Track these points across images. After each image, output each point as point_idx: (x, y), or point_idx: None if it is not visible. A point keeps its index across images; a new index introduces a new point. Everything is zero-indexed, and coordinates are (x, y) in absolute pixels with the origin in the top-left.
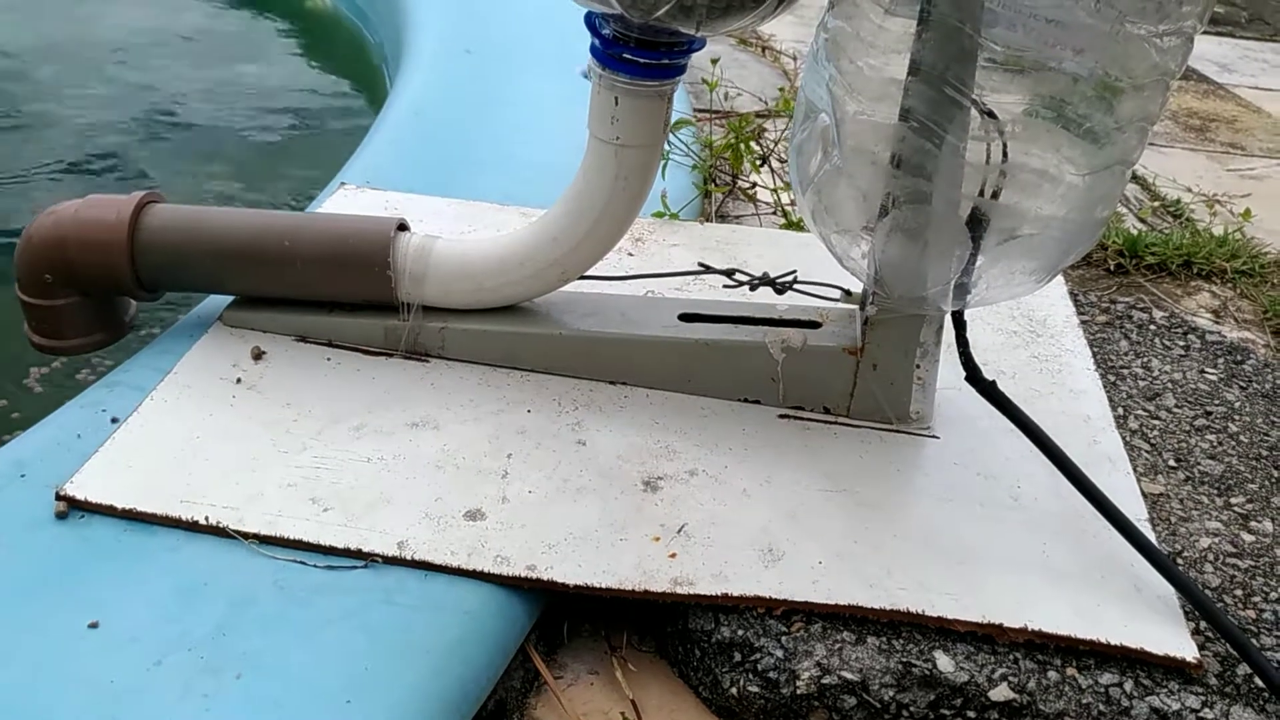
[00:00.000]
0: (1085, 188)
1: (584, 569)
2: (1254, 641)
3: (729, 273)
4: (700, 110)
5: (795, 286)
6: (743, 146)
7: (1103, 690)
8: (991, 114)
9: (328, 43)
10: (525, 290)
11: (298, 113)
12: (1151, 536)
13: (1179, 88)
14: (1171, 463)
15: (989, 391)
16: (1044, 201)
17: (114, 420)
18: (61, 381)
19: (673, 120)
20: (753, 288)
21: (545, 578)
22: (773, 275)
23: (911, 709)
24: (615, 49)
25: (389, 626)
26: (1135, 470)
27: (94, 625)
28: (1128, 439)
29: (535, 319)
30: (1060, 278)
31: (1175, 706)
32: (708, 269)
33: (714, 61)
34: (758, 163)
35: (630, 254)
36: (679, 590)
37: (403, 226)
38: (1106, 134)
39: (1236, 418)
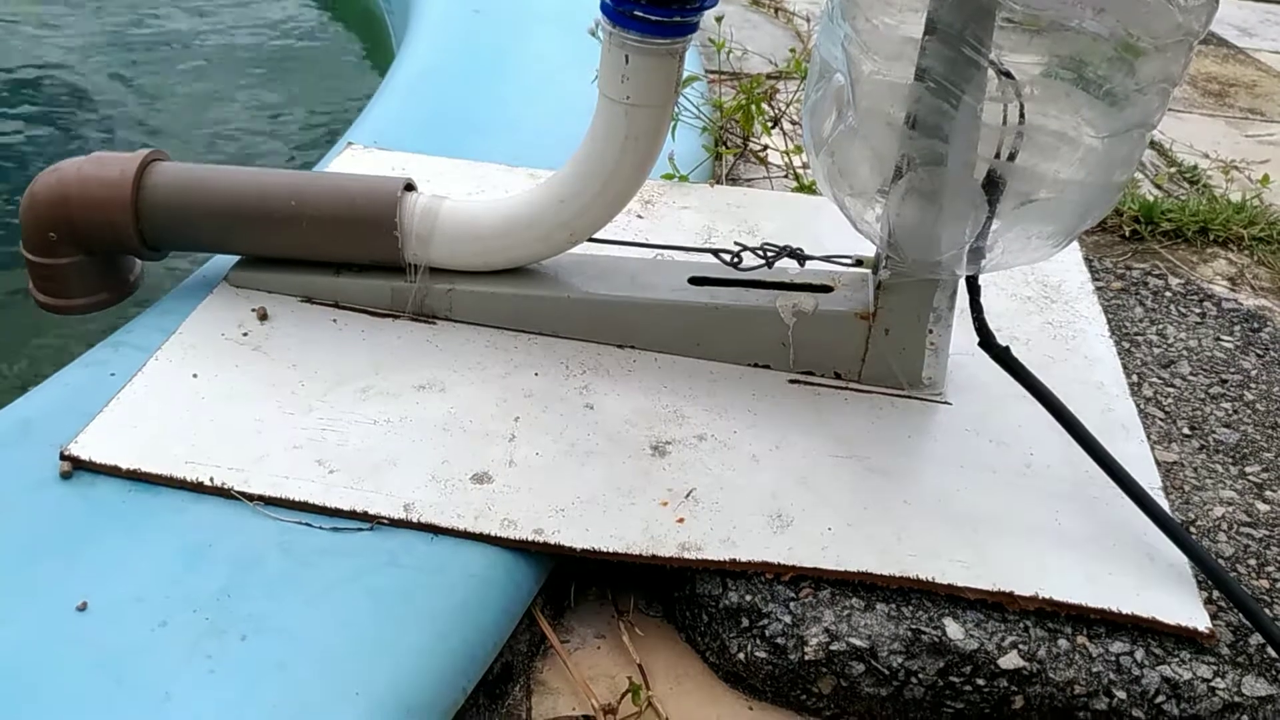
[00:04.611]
0: (1104, 151)
1: (591, 533)
2: (1267, 611)
3: (735, 261)
4: (711, 71)
5: (805, 256)
6: (754, 108)
7: (1113, 659)
8: (1009, 74)
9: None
10: (533, 252)
11: (305, 71)
12: (1165, 505)
13: (1197, 52)
14: (1186, 431)
15: (1002, 357)
16: (1062, 164)
17: (112, 375)
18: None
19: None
20: (769, 264)
21: (552, 541)
22: (782, 242)
23: (920, 676)
24: (626, 6)
25: (394, 589)
26: (1149, 438)
27: (92, 591)
28: (1142, 406)
29: (543, 281)
30: (1075, 243)
31: (1187, 676)
32: (714, 252)
33: (719, 20)
34: (769, 125)
35: (640, 216)
36: (687, 555)
37: (410, 186)
38: (1126, 96)
39: (1253, 386)
